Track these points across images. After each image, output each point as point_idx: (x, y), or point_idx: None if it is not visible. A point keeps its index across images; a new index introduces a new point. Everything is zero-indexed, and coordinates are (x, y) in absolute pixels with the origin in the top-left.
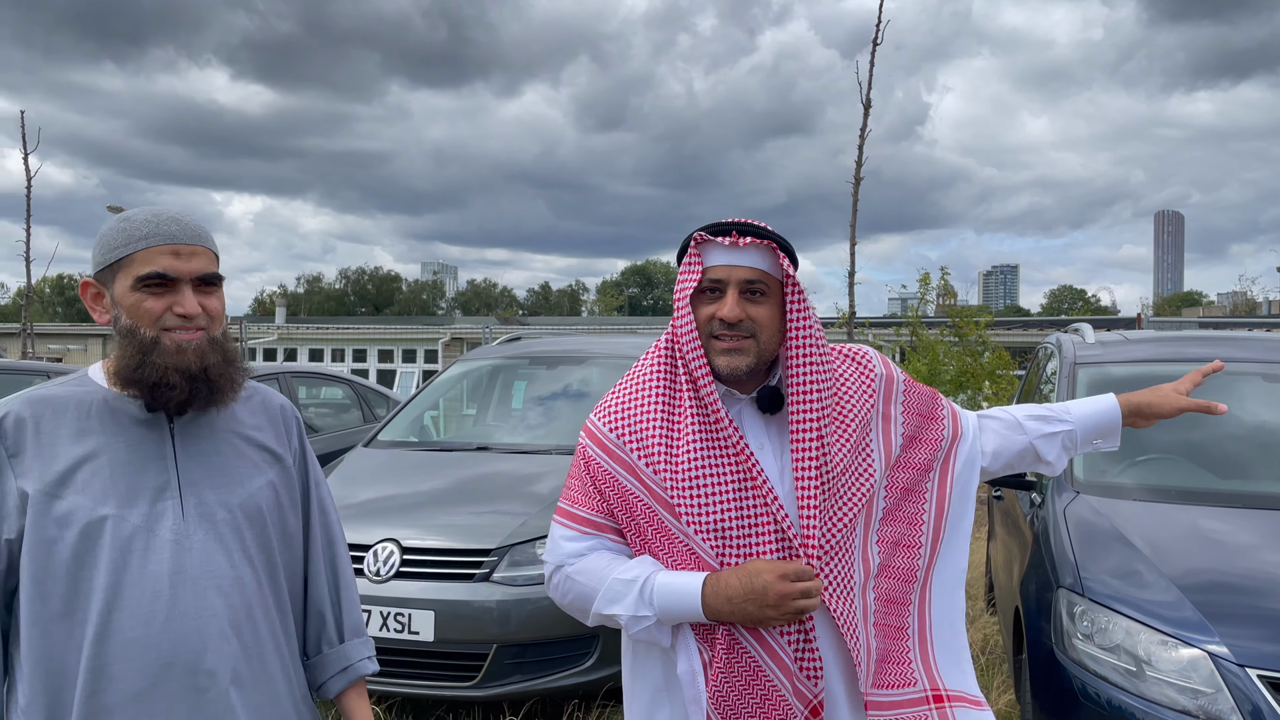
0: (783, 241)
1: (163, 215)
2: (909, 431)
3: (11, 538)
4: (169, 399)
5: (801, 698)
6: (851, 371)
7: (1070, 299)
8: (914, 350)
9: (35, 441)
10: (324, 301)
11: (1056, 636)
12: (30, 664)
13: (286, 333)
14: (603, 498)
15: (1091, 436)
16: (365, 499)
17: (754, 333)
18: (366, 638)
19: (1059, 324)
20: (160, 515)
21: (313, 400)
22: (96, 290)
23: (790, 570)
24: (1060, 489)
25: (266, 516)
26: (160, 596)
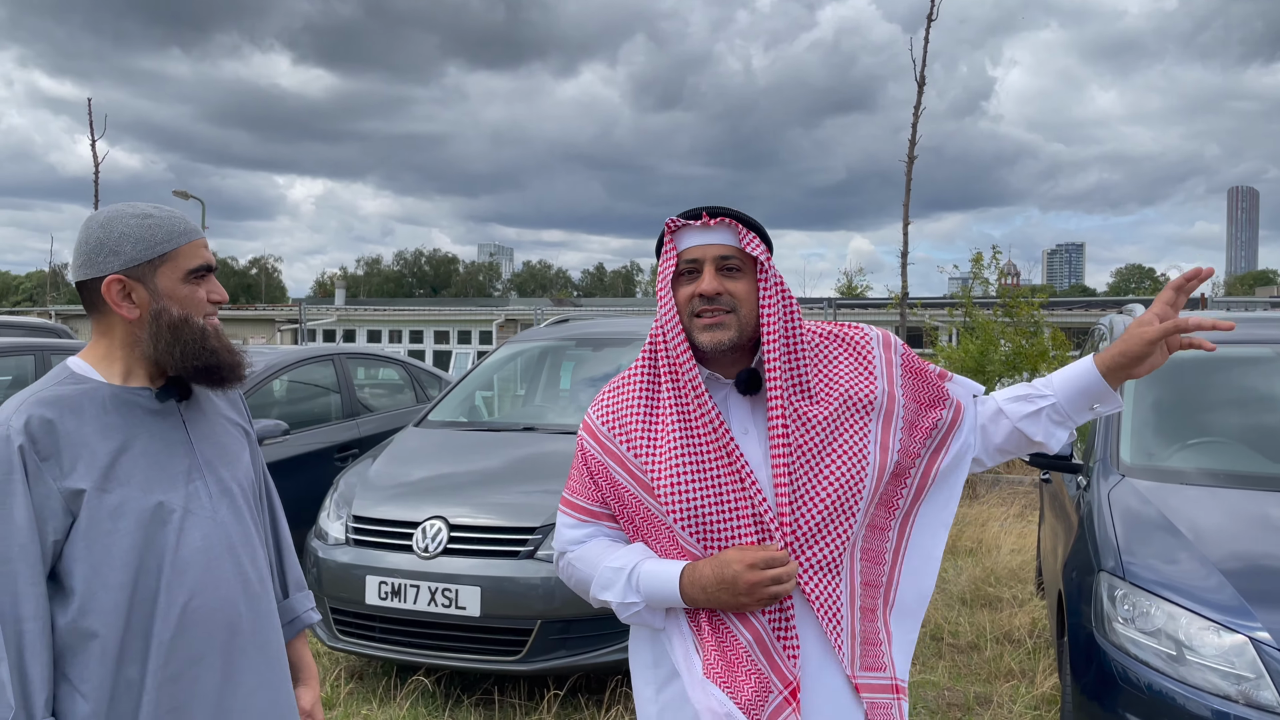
0: (750, 221)
1: (174, 210)
2: (908, 416)
3: (58, 538)
4: (225, 378)
5: (781, 677)
6: (842, 353)
7: (1138, 278)
8: (968, 331)
9: (66, 442)
10: (382, 283)
11: (1097, 620)
12: (95, 650)
13: (345, 314)
14: (598, 488)
15: (1081, 404)
16: (414, 478)
17: (734, 307)
18: (308, 591)
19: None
20: (194, 495)
21: (369, 381)
22: (125, 286)
23: (759, 559)
24: (1106, 472)
25: (256, 486)
26: (207, 570)
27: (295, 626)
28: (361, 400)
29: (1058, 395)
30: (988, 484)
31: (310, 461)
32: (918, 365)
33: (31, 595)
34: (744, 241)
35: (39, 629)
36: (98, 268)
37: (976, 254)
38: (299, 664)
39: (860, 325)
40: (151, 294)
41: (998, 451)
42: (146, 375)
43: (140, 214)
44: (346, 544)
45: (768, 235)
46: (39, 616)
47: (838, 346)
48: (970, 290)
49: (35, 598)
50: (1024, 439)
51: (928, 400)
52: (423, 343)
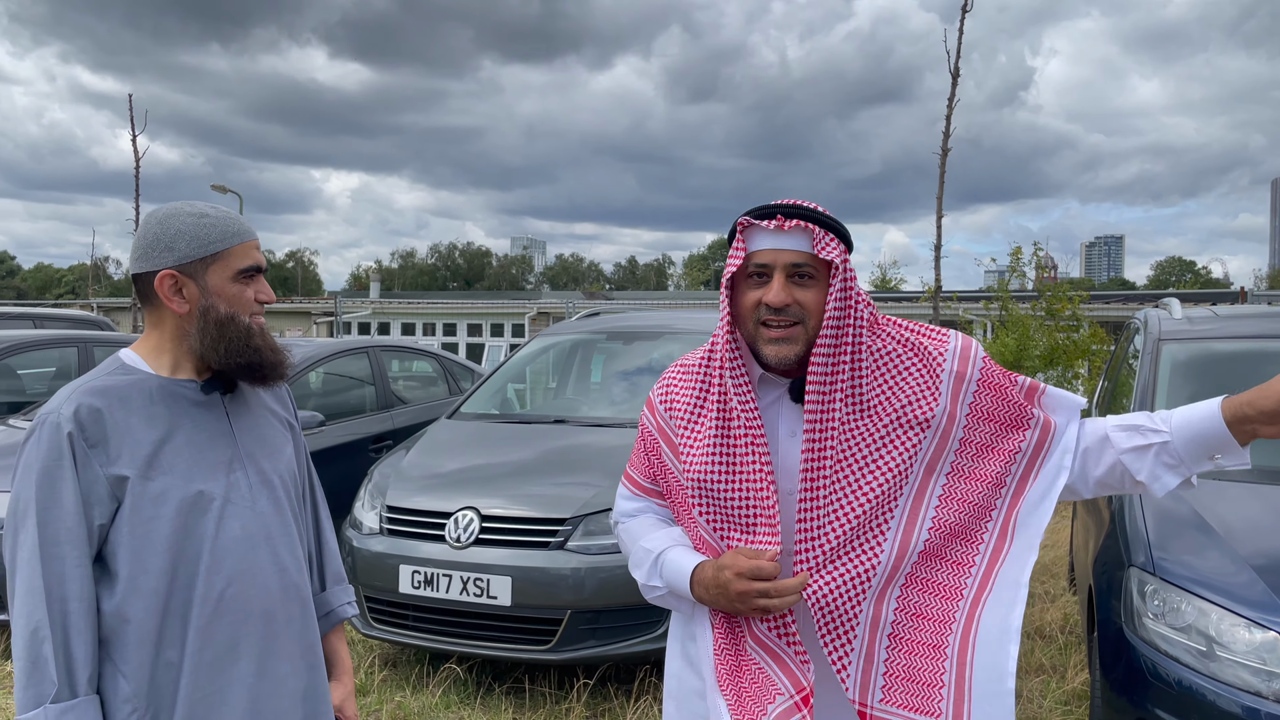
0: (831, 223)
1: (230, 211)
2: (980, 439)
3: (104, 522)
4: (267, 376)
5: (794, 681)
6: (914, 364)
7: (1179, 271)
8: (1003, 325)
9: (114, 430)
10: (417, 276)
11: (1127, 615)
12: (134, 632)
13: (380, 307)
14: (649, 464)
15: (1199, 451)
16: (447, 469)
17: (802, 319)
18: (346, 585)
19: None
20: (235, 485)
21: (403, 373)
22: (176, 281)
23: (747, 568)
24: None
25: (298, 478)
26: (245, 558)
27: (332, 619)
28: (395, 392)
29: (1174, 434)
30: None
31: (345, 452)
32: (998, 381)
33: (77, 577)
34: (818, 247)
35: (84, 609)
36: (153, 262)
37: (1015, 248)
38: (333, 658)
39: (946, 333)
40: (201, 290)
41: (1097, 484)
42: (194, 368)
43: (197, 213)
44: (381, 533)
45: (846, 232)
46: (84, 598)
47: (912, 356)
48: (1007, 284)
49: (81, 579)
50: (1127, 475)
51: (1008, 421)
52: (456, 335)
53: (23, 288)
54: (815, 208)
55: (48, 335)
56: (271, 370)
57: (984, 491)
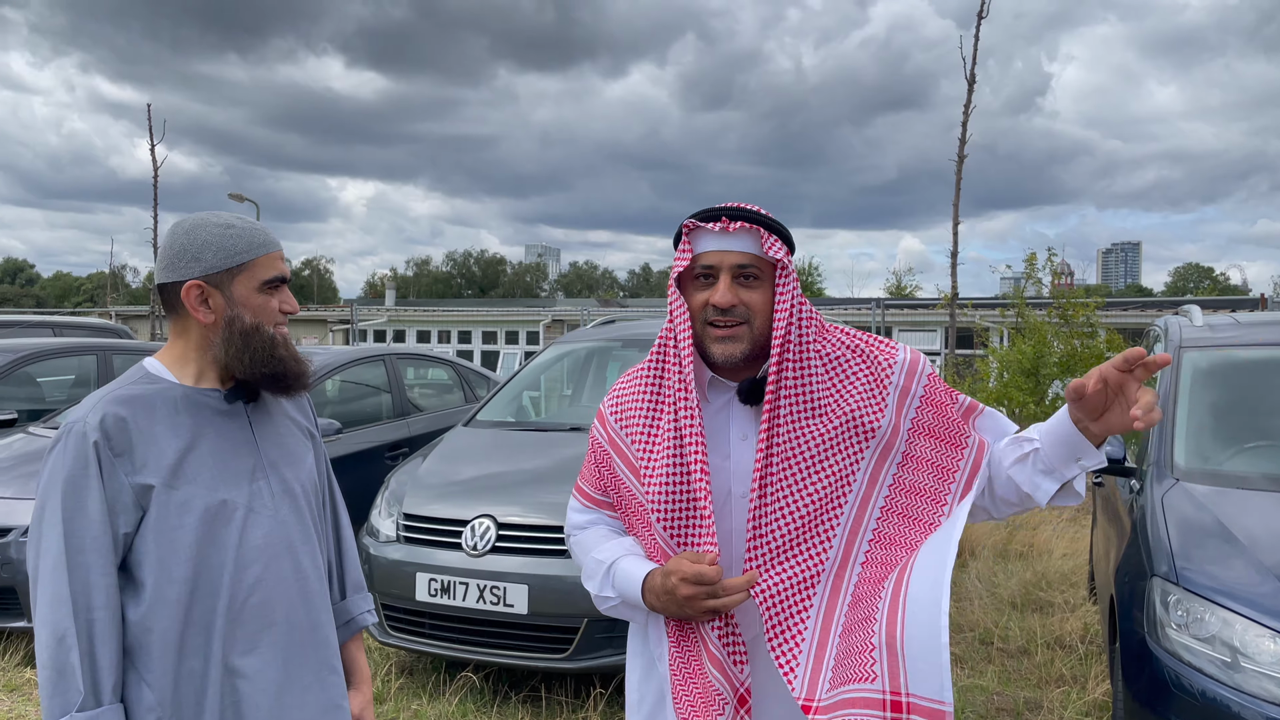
0: (774, 225)
1: (257, 224)
2: (921, 454)
3: (129, 531)
4: (290, 386)
5: (731, 684)
6: (861, 369)
7: (1196, 277)
8: (1019, 333)
9: (139, 439)
10: (432, 284)
11: (1150, 626)
12: (158, 640)
13: (395, 315)
14: (600, 476)
15: (1064, 454)
16: (464, 477)
17: (748, 318)
18: (366, 593)
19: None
20: (258, 494)
21: (418, 381)
22: (203, 292)
23: (691, 573)
24: (1160, 476)
25: (319, 487)
26: (267, 567)
27: (351, 628)
28: (412, 400)
29: (1041, 441)
30: None
31: (362, 460)
32: (940, 399)
33: (103, 585)
34: (766, 246)
35: (109, 618)
36: (179, 272)
37: (1030, 254)
38: (352, 666)
39: (893, 345)
40: (227, 301)
41: (1001, 502)
42: (217, 377)
43: (223, 224)
44: (397, 541)
45: (789, 235)
46: (109, 606)
47: (860, 362)
48: (1023, 291)
49: (106, 588)
50: (1016, 487)
51: (947, 439)
52: (471, 343)
53: (42, 296)
54: (759, 210)
55: (67, 343)
56: (295, 380)
57: (925, 506)
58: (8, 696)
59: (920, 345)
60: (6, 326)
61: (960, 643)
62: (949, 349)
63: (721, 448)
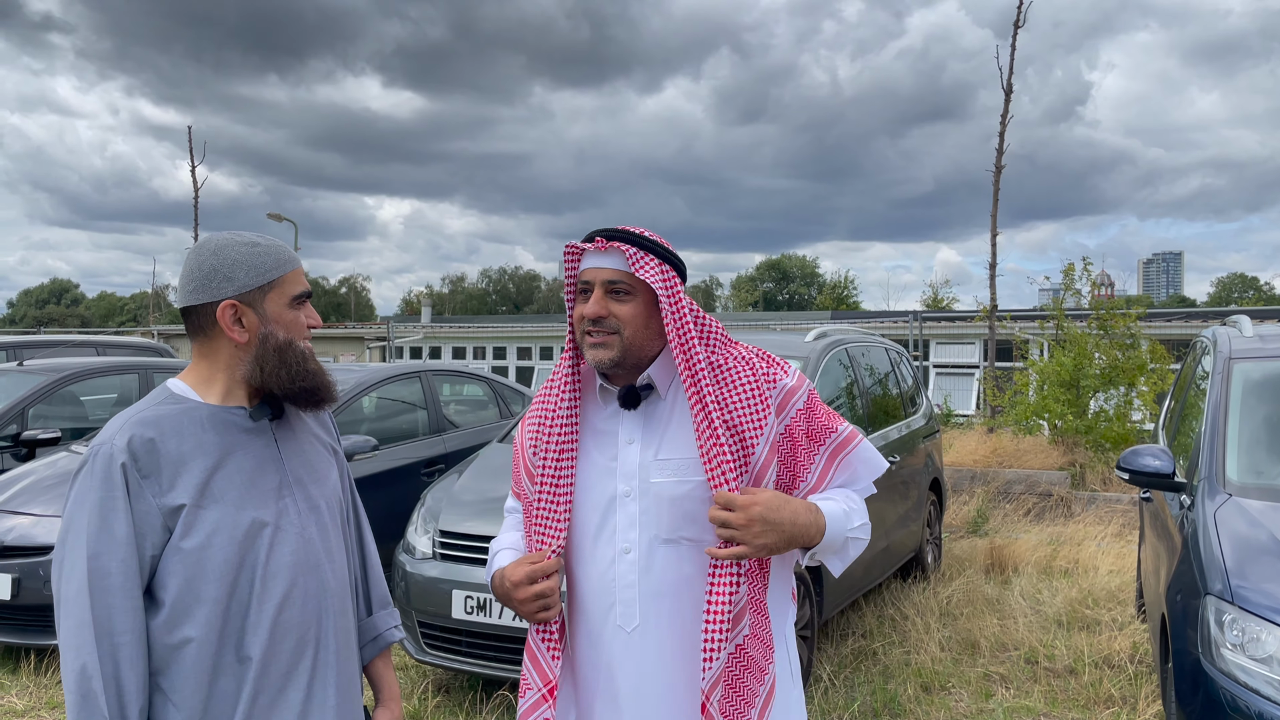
0: (648, 243)
1: (278, 241)
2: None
3: (155, 553)
4: (323, 399)
5: (543, 676)
6: (747, 380)
7: (1240, 287)
8: (1059, 344)
9: (166, 460)
10: (466, 300)
11: (1204, 646)
12: (186, 663)
13: (431, 332)
14: (516, 471)
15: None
16: (500, 493)
17: (618, 329)
18: (392, 609)
19: (1225, 314)
20: (284, 512)
21: (454, 397)
22: (237, 311)
23: (523, 575)
24: (1212, 491)
25: (343, 503)
26: (295, 585)
27: (378, 644)
28: (447, 416)
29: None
30: (1083, 502)
31: (398, 477)
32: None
33: (128, 609)
34: (634, 266)
35: (134, 642)
36: (211, 293)
37: (1068, 265)
38: (380, 683)
39: (787, 368)
40: (260, 318)
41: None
42: (245, 395)
43: (248, 242)
44: (434, 558)
45: (675, 257)
46: (135, 630)
47: (748, 374)
48: (1061, 302)
49: (132, 611)
50: None
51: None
52: (506, 359)
53: (87, 315)
54: (637, 231)
55: (109, 363)
56: (326, 393)
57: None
58: (50, 714)
59: (959, 358)
60: (51, 346)
61: (1005, 662)
62: (988, 362)
63: (609, 449)
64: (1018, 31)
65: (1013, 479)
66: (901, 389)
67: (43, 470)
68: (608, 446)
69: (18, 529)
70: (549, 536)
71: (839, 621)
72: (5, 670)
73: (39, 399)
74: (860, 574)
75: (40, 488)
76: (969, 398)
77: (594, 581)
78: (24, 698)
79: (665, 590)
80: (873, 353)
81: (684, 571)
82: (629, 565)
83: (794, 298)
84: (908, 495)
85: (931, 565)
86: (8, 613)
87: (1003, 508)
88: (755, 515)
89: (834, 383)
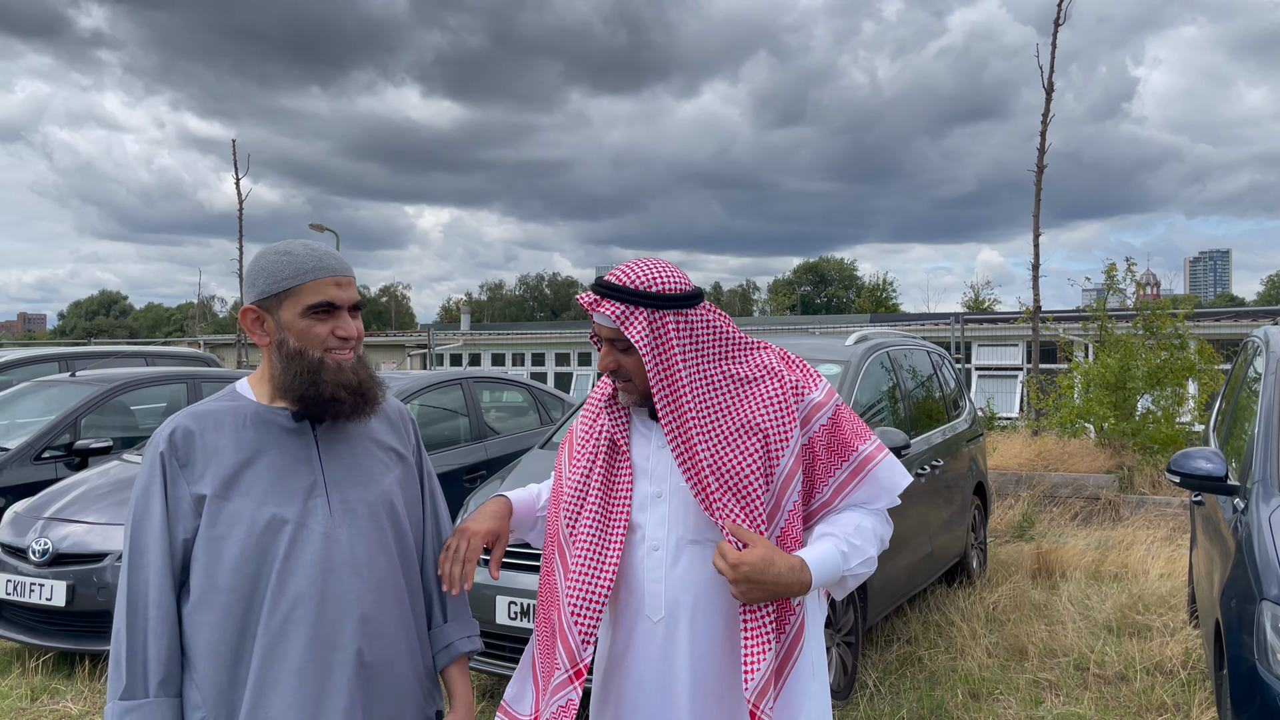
0: (634, 296)
1: (319, 249)
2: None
3: (187, 537)
4: (338, 412)
5: (571, 658)
6: (772, 392)
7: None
8: (1102, 346)
9: (202, 451)
10: (505, 307)
11: (1260, 652)
12: (203, 645)
13: (471, 339)
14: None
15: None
16: None
17: (630, 377)
18: (468, 619)
19: (1275, 314)
20: (311, 511)
21: (494, 404)
22: (257, 316)
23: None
24: (1267, 494)
25: (398, 509)
26: (314, 583)
27: (449, 653)
28: (488, 423)
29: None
30: (1132, 505)
31: (440, 483)
32: (826, 440)
33: (157, 585)
34: (621, 325)
35: (160, 617)
36: (245, 297)
37: (1110, 264)
38: (451, 690)
39: (817, 379)
40: (277, 325)
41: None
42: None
43: (281, 250)
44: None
45: (669, 294)
46: (161, 606)
47: (772, 385)
48: (1104, 303)
49: (160, 588)
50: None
51: (816, 473)
52: (544, 365)
53: (135, 326)
54: (628, 282)
55: (158, 373)
56: (338, 407)
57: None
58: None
59: (1002, 360)
60: (102, 357)
61: (1054, 668)
62: (1031, 364)
63: (643, 450)
64: (1058, 29)
65: (1059, 482)
66: (944, 392)
67: (95, 479)
68: (643, 446)
69: (71, 537)
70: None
71: (884, 628)
72: (61, 675)
73: (91, 409)
74: (904, 580)
75: (93, 496)
76: (1012, 400)
77: (625, 574)
78: (79, 703)
79: (689, 587)
80: (914, 355)
81: (709, 570)
82: (657, 561)
83: (832, 301)
84: (952, 499)
85: (977, 570)
86: (63, 619)
87: (1049, 512)
88: (741, 575)
89: (875, 386)
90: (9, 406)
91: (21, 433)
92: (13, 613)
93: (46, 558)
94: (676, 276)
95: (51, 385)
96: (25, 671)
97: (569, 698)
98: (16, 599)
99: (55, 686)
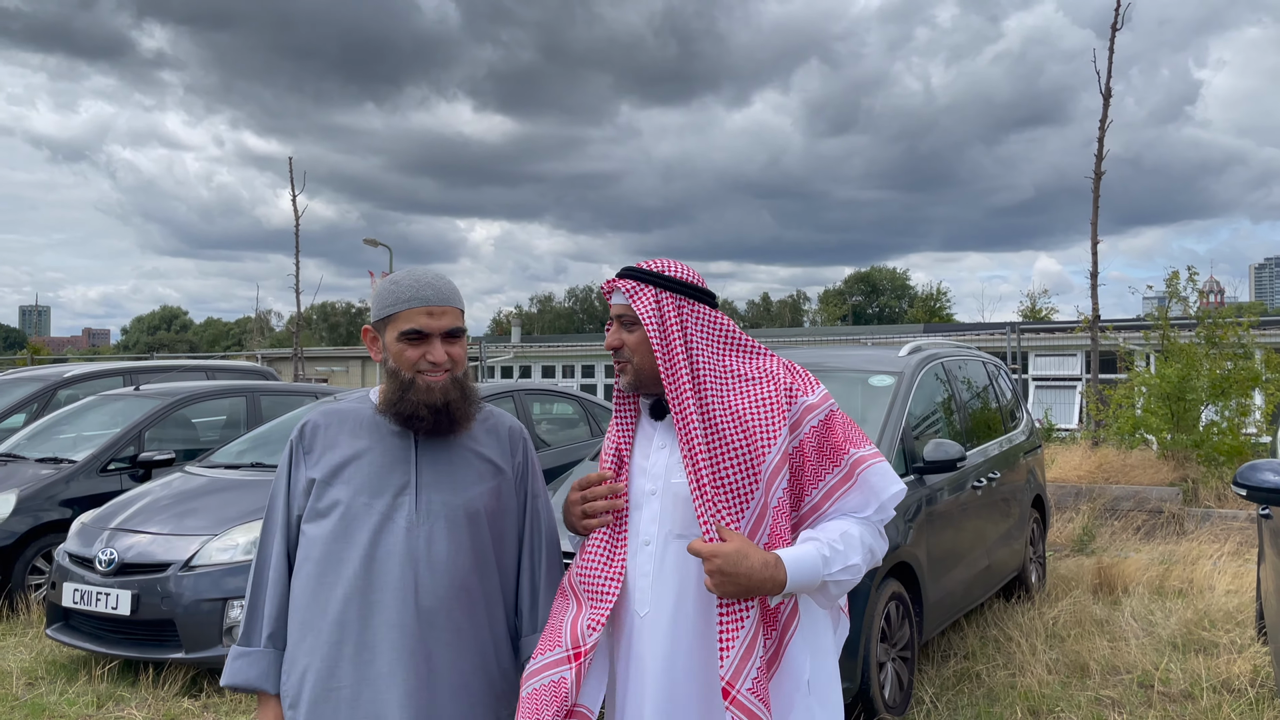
0: (646, 276)
1: (422, 280)
2: (793, 469)
3: (300, 514)
4: (418, 427)
5: (574, 640)
6: (765, 391)
7: None
8: (1163, 356)
9: (323, 442)
10: (554, 320)
11: None
12: (297, 611)
13: (521, 351)
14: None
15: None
16: None
17: (629, 358)
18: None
19: None
20: (399, 507)
21: (544, 416)
22: (373, 336)
23: (575, 484)
24: None
25: (484, 517)
26: (392, 571)
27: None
28: (540, 435)
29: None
30: (1197, 519)
31: None
32: (818, 444)
33: (275, 552)
34: (630, 298)
35: (275, 579)
36: (371, 319)
37: (1173, 272)
38: None
39: (813, 383)
40: (383, 346)
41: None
42: None
43: (393, 279)
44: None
45: (682, 283)
46: (276, 568)
47: (768, 387)
48: (1166, 311)
49: (277, 554)
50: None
51: (804, 478)
52: (594, 377)
53: (195, 341)
54: (640, 266)
55: (218, 386)
56: (420, 423)
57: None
58: None
59: (1060, 370)
60: (165, 371)
61: (1117, 686)
62: (1090, 374)
63: (645, 449)
64: (1115, 34)
65: (1120, 495)
66: (1000, 403)
67: (159, 490)
68: (644, 447)
69: (136, 547)
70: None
71: (940, 643)
72: (125, 683)
73: (154, 422)
74: (961, 593)
75: (157, 507)
76: (1070, 411)
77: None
78: (143, 710)
79: (674, 580)
80: (969, 366)
81: (691, 567)
82: (648, 556)
83: (884, 311)
84: (1009, 513)
85: (1036, 585)
86: (128, 628)
87: (1110, 525)
88: (714, 567)
89: (930, 397)
90: (76, 420)
91: (88, 445)
92: (79, 621)
93: (112, 567)
94: (693, 273)
95: (116, 399)
96: (91, 679)
97: (563, 675)
98: (83, 607)
99: (120, 694)
